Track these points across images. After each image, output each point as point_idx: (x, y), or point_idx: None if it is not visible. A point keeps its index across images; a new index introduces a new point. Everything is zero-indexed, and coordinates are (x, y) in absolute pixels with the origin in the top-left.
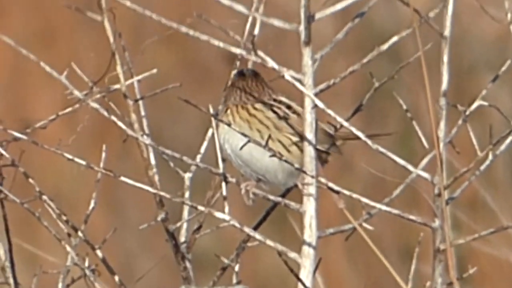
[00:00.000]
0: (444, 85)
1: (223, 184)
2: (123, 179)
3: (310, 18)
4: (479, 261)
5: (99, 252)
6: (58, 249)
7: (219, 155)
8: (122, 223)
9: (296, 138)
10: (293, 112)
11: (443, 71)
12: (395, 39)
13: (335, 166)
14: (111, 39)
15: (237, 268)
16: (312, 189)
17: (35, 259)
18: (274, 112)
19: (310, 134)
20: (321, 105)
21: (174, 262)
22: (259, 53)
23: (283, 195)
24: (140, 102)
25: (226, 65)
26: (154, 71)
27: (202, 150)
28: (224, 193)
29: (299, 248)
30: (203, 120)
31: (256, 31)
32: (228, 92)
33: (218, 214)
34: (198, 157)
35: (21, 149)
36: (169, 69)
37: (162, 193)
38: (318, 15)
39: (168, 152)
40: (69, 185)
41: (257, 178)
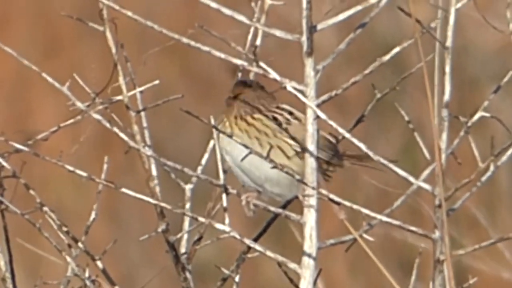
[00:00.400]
0: (446, 96)
1: (223, 195)
2: (124, 190)
3: (312, 29)
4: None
5: (99, 263)
6: (58, 260)
7: (220, 166)
8: (123, 234)
9: (295, 144)
10: (294, 118)
11: (445, 82)
12: (397, 50)
13: (337, 177)
14: (113, 49)
15: (237, 279)
16: (313, 201)
17: (35, 270)
18: (274, 119)
19: (311, 145)
20: (323, 116)
21: (175, 273)
22: (261, 64)
23: (283, 207)
24: (142, 113)
25: (228, 76)
26: (157, 82)
27: (203, 161)
28: (224, 204)
29: (299, 259)
30: (205, 132)
31: (258, 41)
32: (227, 103)
33: (219, 226)
34: (199, 168)
35: (22, 160)
36: (172, 80)
37: (163, 204)
38: (320, 26)
39: (170, 163)
40: (71, 196)
41: (257, 189)
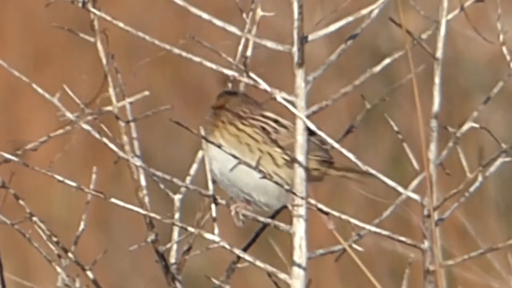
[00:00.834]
0: (436, 107)
1: (212, 205)
2: (113, 200)
3: (303, 40)
4: (461, 286)
5: (89, 273)
6: (48, 270)
7: (208, 176)
8: (113, 244)
9: (284, 152)
10: (280, 125)
11: (434, 92)
12: (387, 61)
13: (326, 187)
14: (104, 60)
15: None
16: (302, 210)
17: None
18: (262, 128)
19: (301, 156)
20: (312, 127)
21: (165, 283)
22: (251, 74)
23: (272, 216)
24: (132, 124)
25: (219, 86)
26: (146, 93)
27: (192, 172)
28: (213, 214)
29: (289, 269)
30: (195, 142)
31: (249, 52)
32: (214, 112)
33: (208, 235)
34: (188, 178)
35: (12, 170)
36: (163, 90)
37: (152, 214)
38: (311, 37)
39: (159, 173)
40: (61, 206)
41: (245, 199)
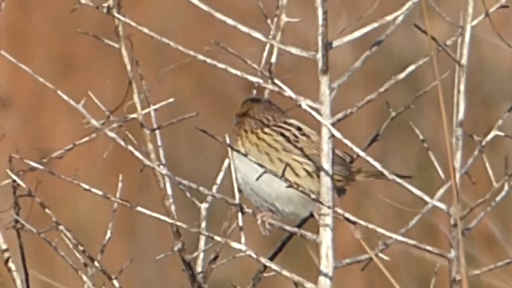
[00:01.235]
0: (461, 115)
1: (239, 214)
2: (139, 209)
3: (327, 46)
4: None
5: (115, 282)
6: (75, 279)
7: (235, 185)
8: (139, 253)
9: (305, 161)
10: (302, 134)
11: (459, 100)
12: (412, 67)
13: (353, 196)
14: (128, 67)
15: None
16: (328, 220)
17: None
18: (283, 135)
19: (327, 164)
20: (338, 135)
21: None
22: (276, 81)
23: (299, 226)
24: (157, 132)
25: (245, 93)
26: (171, 100)
27: (218, 180)
28: (240, 223)
29: (315, 278)
30: (221, 150)
31: (273, 59)
32: (238, 119)
33: (235, 244)
34: (215, 187)
35: (38, 179)
36: (188, 97)
37: (179, 223)
38: (335, 43)
39: (185, 182)
40: (87, 215)
41: (268, 208)
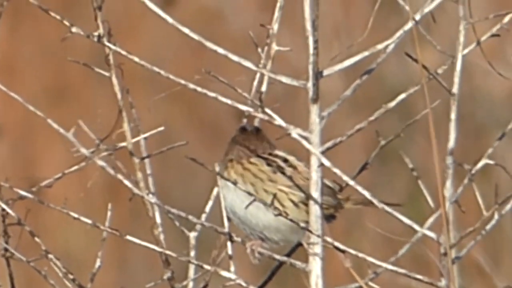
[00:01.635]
0: (451, 143)
1: (228, 243)
2: (128, 238)
3: (318, 75)
4: None
5: None
6: None
7: (224, 214)
8: (129, 281)
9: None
10: (289, 165)
11: (450, 129)
12: (402, 96)
13: (342, 224)
14: (119, 95)
15: None
16: (317, 249)
17: None
18: (269, 165)
19: (316, 193)
20: (327, 163)
21: None
22: (267, 110)
23: (288, 254)
24: (147, 160)
25: (236, 122)
26: (162, 128)
27: (207, 209)
28: (229, 252)
29: None
30: (211, 179)
31: (264, 87)
32: (227, 148)
33: (224, 273)
34: (203, 216)
35: (27, 207)
36: (179, 126)
37: (168, 252)
38: (326, 72)
39: (174, 211)
40: (78, 244)
41: (258, 237)
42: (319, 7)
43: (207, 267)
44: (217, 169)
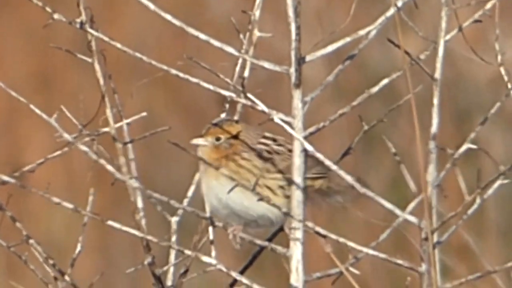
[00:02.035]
0: (434, 128)
1: (210, 228)
2: (110, 223)
3: (300, 60)
4: None
5: None
6: None
7: (206, 199)
8: (110, 266)
9: (282, 179)
10: (278, 144)
11: (433, 114)
12: (385, 81)
13: (324, 209)
14: (101, 81)
15: None
16: (299, 234)
17: None
18: (260, 156)
19: (298, 178)
20: (310, 148)
21: None
22: (249, 95)
23: (270, 239)
24: (129, 145)
25: (218, 107)
26: (144, 114)
27: (189, 193)
28: (211, 237)
29: None
30: (193, 164)
31: (246, 73)
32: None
33: (205, 258)
34: (185, 201)
35: (9, 193)
36: (162, 111)
37: (149, 237)
38: (309, 57)
39: (156, 195)
40: (60, 229)
41: (244, 222)
42: None
43: (188, 252)
44: (200, 154)
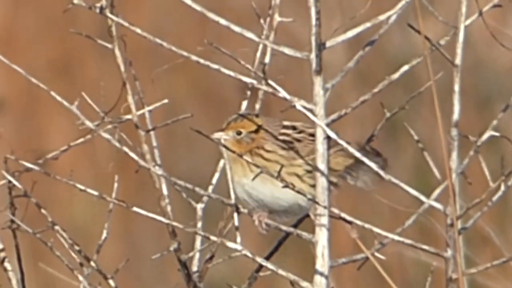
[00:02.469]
0: (456, 115)
1: (235, 214)
2: (135, 209)
3: (321, 46)
4: None
5: (111, 282)
6: (71, 279)
7: (231, 185)
8: (135, 253)
9: (308, 165)
10: (298, 132)
11: (454, 100)
12: (405, 68)
13: (349, 196)
14: (122, 67)
15: None
16: (324, 220)
17: None
18: (283, 148)
19: (322, 165)
20: (333, 135)
21: None
22: (270, 82)
23: (295, 225)
24: (152, 133)
25: (239, 94)
26: (166, 101)
27: (214, 181)
28: (236, 223)
29: (311, 277)
30: (216, 150)
31: (267, 59)
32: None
33: (230, 244)
34: (210, 187)
35: (33, 180)
36: (183, 98)
37: (175, 223)
38: (329, 43)
39: (180, 183)
40: (84, 216)
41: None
42: None
43: (213, 238)
44: (223, 141)
